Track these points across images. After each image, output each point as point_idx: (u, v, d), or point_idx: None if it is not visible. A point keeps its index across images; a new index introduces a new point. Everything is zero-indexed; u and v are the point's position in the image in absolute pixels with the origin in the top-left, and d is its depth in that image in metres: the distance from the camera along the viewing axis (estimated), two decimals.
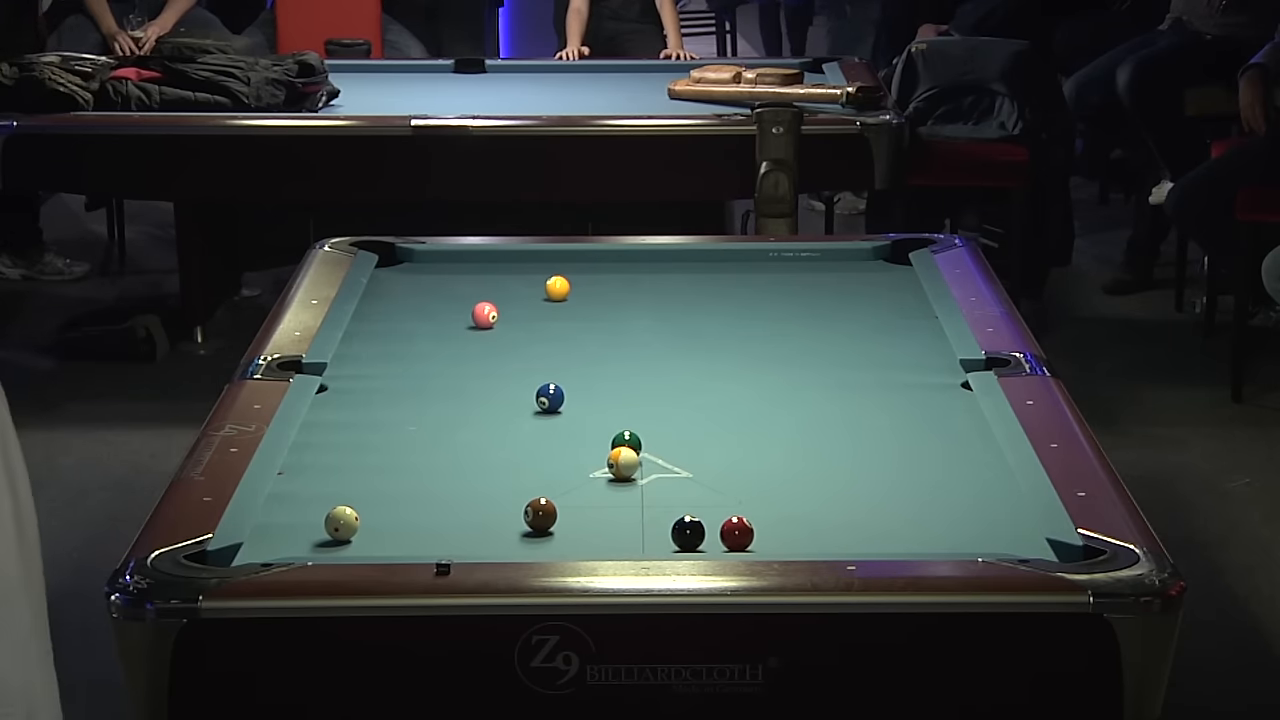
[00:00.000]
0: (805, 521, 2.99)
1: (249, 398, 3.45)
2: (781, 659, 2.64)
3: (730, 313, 4.13)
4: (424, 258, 4.50)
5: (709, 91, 6.20)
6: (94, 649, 4.10)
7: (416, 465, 3.26)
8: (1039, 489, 3.03)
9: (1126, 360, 6.38)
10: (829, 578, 2.69)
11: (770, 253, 4.60)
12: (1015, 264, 6.50)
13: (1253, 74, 6.15)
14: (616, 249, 4.62)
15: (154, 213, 7.54)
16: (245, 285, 6.97)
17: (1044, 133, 6.83)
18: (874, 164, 5.78)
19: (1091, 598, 2.63)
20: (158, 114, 5.95)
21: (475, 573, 2.69)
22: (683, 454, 3.24)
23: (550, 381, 3.50)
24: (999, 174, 6.68)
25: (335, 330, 3.89)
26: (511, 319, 4.03)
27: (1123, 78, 7.11)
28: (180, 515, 2.90)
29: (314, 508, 2.92)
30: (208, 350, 6.42)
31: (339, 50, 7.11)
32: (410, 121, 5.84)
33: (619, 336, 3.98)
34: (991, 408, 3.43)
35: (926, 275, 4.29)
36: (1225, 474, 5.45)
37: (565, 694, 2.64)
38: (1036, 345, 3.76)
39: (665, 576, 2.70)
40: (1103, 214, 7.99)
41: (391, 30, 7.88)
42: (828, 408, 3.54)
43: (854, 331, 4.00)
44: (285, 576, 2.69)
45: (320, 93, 6.10)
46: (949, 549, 2.84)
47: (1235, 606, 4.60)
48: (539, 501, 2.92)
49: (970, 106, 6.83)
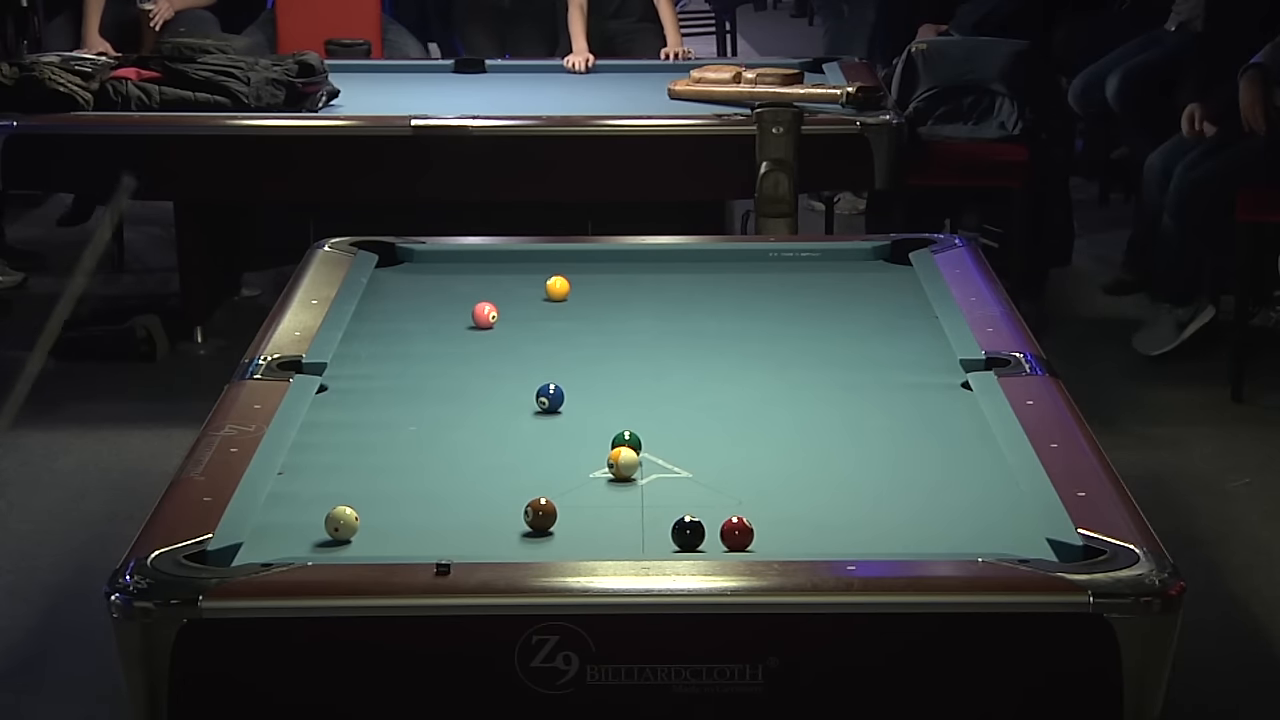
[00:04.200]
0: (805, 521, 2.99)
1: (249, 398, 3.45)
2: (781, 659, 2.64)
3: (730, 313, 4.13)
4: (424, 258, 4.50)
5: (709, 91, 6.20)
6: (94, 649, 4.11)
7: (416, 465, 3.26)
8: (1039, 489, 3.03)
9: (1126, 360, 6.37)
10: (829, 578, 2.69)
11: (770, 253, 4.60)
12: (1015, 264, 6.50)
13: (1253, 74, 6.14)
14: (616, 249, 4.62)
15: (154, 213, 7.53)
16: (245, 285, 6.97)
17: (1044, 133, 6.83)
18: (874, 164, 5.78)
19: (1091, 598, 2.63)
20: (158, 114, 5.95)
21: (475, 573, 2.69)
22: (683, 454, 3.24)
23: (550, 381, 3.50)
24: (999, 174, 6.67)
25: (335, 330, 3.89)
26: (511, 319, 4.02)
27: (1111, 88, 7.13)
28: (180, 515, 2.90)
29: (314, 508, 2.92)
30: (208, 350, 6.42)
31: (339, 50, 7.10)
32: (410, 121, 5.84)
33: (619, 336, 3.98)
34: (991, 408, 3.43)
35: (926, 275, 4.28)
36: (1225, 474, 5.44)
37: (565, 694, 2.64)
38: (1036, 345, 3.76)
39: (665, 576, 2.70)
40: (1103, 214, 7.99)
41: (391, 30, 7.88)
42: (828, 407, 3.54)
43: (854, 331, 4.00)
44: (285, 576, 2.69)
45: (320, 93, 6.10)
46: (949, 549, 2.84)
47: (1235, 606, 4.60)
48: (539, 501, 2.92)
49: (970, 106, 6.82)
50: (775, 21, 13.24)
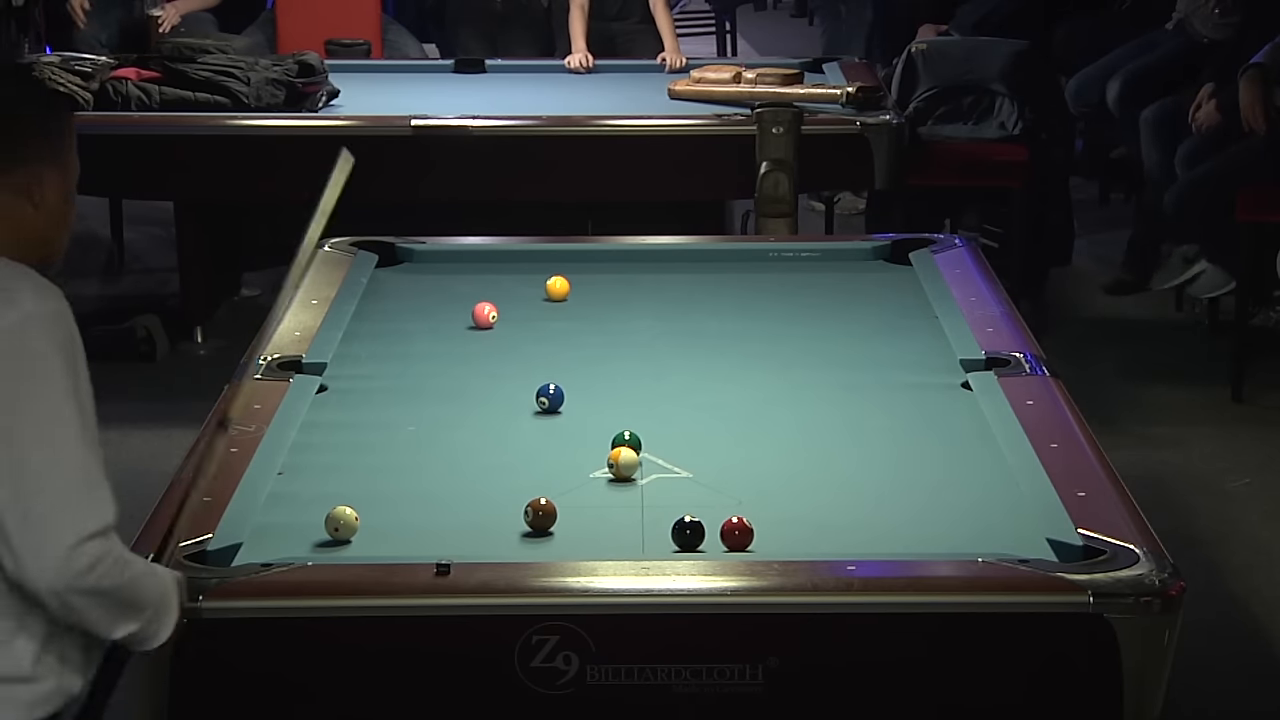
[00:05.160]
0: (805, 521, 2.99)
1: (249, 398, 3.45)
2: (781, 659, 2.64)
3: (730, 313, 4.13)
4: (424, 258, 4.50)
5: (709, 91, 6.19)
6: None
7: (416, 465, 3.26)
8: (1039, 489, 3.03)
9: (1126, 360, 6.37)
10: (829, 578, 2.69)
11: (770, 253, 4.60)
12: (1015, 264, 6.50)
13: (1253, 74, 6.14)
14: (616, 249, 4.62)
15: (154, 213, 7.53)
16: (245, 285, 6.96)
17: (1044, 133, 6.83)
18: (874, 164, 5.78)
19: (1091, 598, 2.63)
20: (158, 114, 5.95)
21: (475, 573, 2.69)
22: (683, 454, 3.24)
23: (550, 381, 3.50)
24: (999, 174, 6.67)
25: (335, 330, 3.89)
26: (511, 319, 4.02)
27: (1112, 91, 7.12)
28: (180, 515, 2.89)
29: (314, 508, 2.92)
30: (208, 350, 6.42)
31: (339, 50, 7.10)
32: (410, 121, 5.84)
33: (619, 336, 3.98)
34: (991, 408, 3.43)
35: (926, 275, 4.28)
36: (1225, 474, 5.44)
37: (565, 694, 2.64)
38: (1036, 345, 3.76)
39: (665, 576, 2.70)
40: (1103, 214, 7.98)
41: (391, 30, 7.88)
42: (828, 407, 3.54)
43: (854, 332, 4.00)
44: (285, 576, 2.69)
45: (320, 93, 6.10)
46: (949, 549, 2.84)
47: (1235, 606, 4.60)
48: (539, 501, 2.92)
49: (970, 106, 6.82)
50: (775, 21, 13.23)
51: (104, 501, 2.34)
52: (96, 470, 2.36)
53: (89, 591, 2.31)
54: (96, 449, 2.37)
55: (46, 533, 2.29)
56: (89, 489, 2.33)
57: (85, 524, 2.31)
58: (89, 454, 2.35)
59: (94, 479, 2.35)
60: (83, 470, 2.34)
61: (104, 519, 2.33)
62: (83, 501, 2.32)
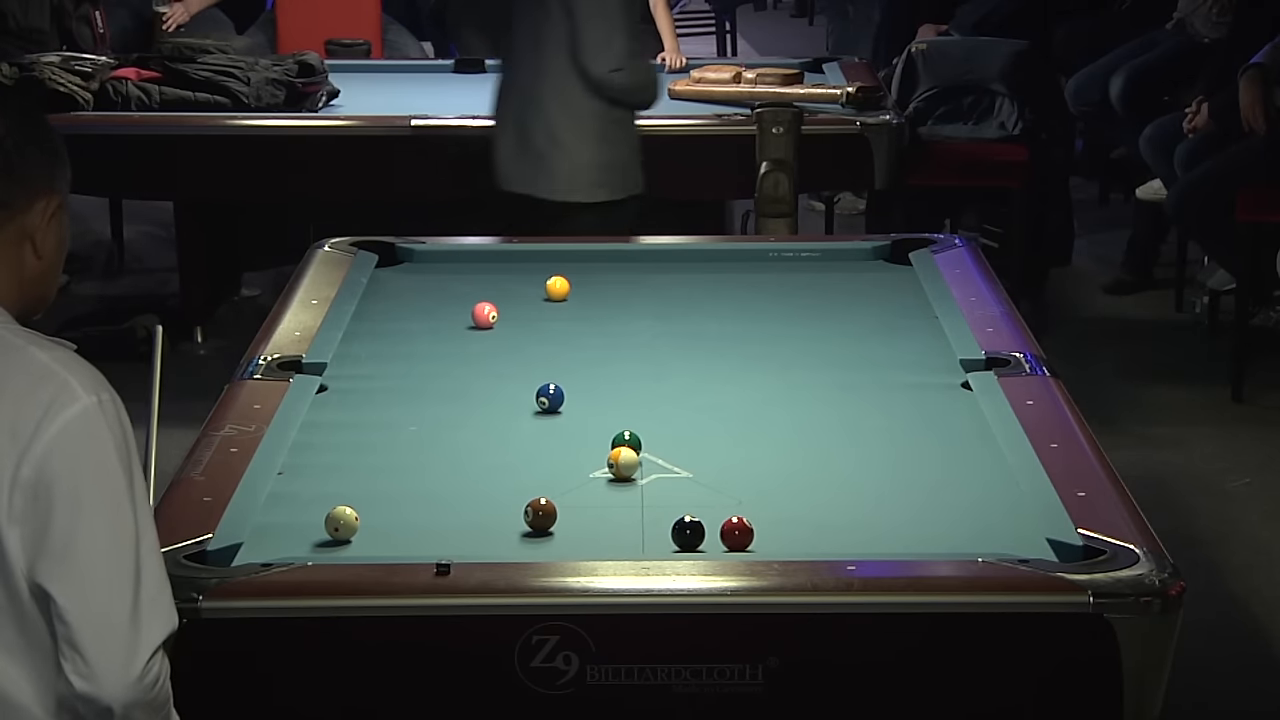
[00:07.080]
0: (805, 521, 2.98)
1: (249, 398, 3.45)
2: (781, 659, 2.64)
3: (730, 313, 4.13)
4: (424, 258, 4.50)
5: (709, 91, 6.19)
6: None
7: (416, 465, 3.26)
8: (1039, 489, 3.03)
9: (1126, 360, 6.38)
10: (829, 578, 2.69)
11: (770, 253, 4.60)
12: (1015, 264, 6.50)
13: (1253, 74, 6.15)
14: (616, 249, 4.62)
15: (154, 213, 7.53)
16: (245, 285, 6.96)
17: (1044, 133, 6.83)
18: (874, 164, 5.78)
19: (1091, 598, 2.63)
20: (158, 114, 5.95)
21: (475, 573, 2.69)
22: (683, 454, 3.24)
23: (550, 381, 3.50)
24: (999, 174, 6.68)
25: (335, 330, 3.89)
26: (511, 319, 4.02)
27: (1115, 88, 7.13)
28: (180, 515, 2.90)
29: (314, 508, 2.92)
30: (208, 350, 6.42)
31: (339, 50, 7.10)
32: (410, 121, 5.84)
33: (619, 337, 3.97)
34: (991, 408, 3.43)
35: (926, 275, 4.28)
36: (1225, 474, 5.45)
37: (565, 694, 2.64)
38: (1036, 345, 3.76)
39: (665, 576, 2.70)
40: (1103, 214, 7.99)
41: (391, 30, 7.88)
42: (828, 408, 3.54)
43: (854, 332, 4.00)
44: (285, 576, 2.69)
45: (320, 93, 6.10)
46: (949, 549, 2.84)
47: (1235, 606, 4.60)
48: (539, 501, 2.92)
49: (970, 106, 6.83)
50: (775, 21, 13.23)
51: (172, 607, 2.24)
52: (163, 572, 2.25)
53: (151, 705, 2.19)
54: (157, 548, 2.26)
55: (125, 644, 2.16)
56: (161, 592, 2.22)
57: (159, 633, 2.20)
58: (157, 557, 2.24)
59: (164, 581, 2.24)
60: (156, 574, 2.22)
61: (172, 625, 2.23)
62: (157, 610, 2.20)
